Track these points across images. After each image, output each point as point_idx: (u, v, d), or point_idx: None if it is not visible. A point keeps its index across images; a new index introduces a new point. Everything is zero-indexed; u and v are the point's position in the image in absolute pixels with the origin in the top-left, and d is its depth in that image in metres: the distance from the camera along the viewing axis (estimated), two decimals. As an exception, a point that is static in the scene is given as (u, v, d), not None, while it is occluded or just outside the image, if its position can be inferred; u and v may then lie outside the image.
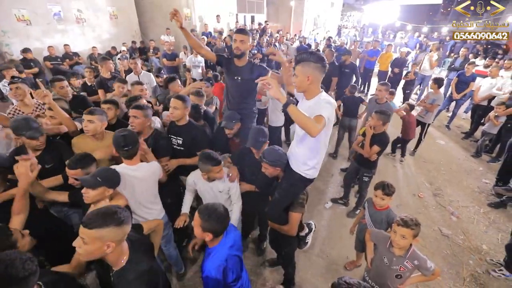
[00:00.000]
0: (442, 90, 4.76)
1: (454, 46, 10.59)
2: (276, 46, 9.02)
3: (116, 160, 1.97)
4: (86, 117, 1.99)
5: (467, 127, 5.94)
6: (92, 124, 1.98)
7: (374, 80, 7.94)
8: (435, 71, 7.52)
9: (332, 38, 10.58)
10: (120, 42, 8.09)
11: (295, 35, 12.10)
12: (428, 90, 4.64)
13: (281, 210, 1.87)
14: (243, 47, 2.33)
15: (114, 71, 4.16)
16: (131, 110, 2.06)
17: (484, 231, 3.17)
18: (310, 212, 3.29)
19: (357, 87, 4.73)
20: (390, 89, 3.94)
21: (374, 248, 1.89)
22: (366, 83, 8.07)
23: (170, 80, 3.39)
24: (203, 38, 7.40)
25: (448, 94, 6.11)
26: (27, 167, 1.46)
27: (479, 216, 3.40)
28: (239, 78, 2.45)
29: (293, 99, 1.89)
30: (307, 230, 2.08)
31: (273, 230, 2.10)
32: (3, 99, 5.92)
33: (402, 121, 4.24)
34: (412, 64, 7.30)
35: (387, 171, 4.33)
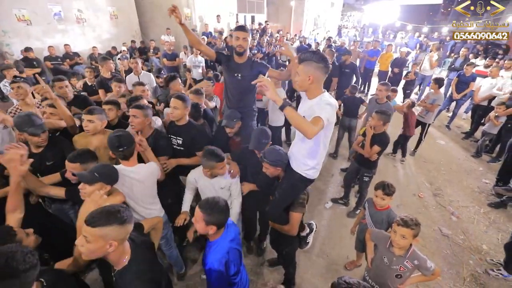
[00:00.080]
0: (443, 90, 4.76)
1: (455, 46, 10.59)
2: (276, 46, 9.04)
3: (117, 160, 1.97)
4: (85, 116, 2.00)
5: (467, 127, 5.95)
6: (92, 123, 1.99)
7: (374, 80, 7.95)
8: (435, 71, 7.52)
9: (332, 38, 10.59)
10: (121, 42, 8.10)
11: (295, 35, 12.11)
12: (429, 90, 4.62)
13: (281, 210, 1.87)
14: (245, 45, 2.35)
15: (114, 71, 4.17)
16: (131, 110, 2.06)
17: (484, 231, 3.17)
18: (310, 212, 3.30)
19: (357, 87, 4.73)
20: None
21: (374, 248, 1.90)
22: (367, 83, 8.08)
23: (171, 79, 3.39)
24: (203, 38, 7.41)
25: (448, 94, 6.12)
26: (17, 154, 1.40)
27: (479, 216, 3.40)
28: (239, 75, 2.45)
29: (289, 101, 1.89)
30: (308, 230, 2.08)
31: (274, 230, 2.10)
32: (4, 99, 5.93)
33: (404, 117, 4.25)
34: (412, 64, 7.31)
35: (387, 171, 4.33)
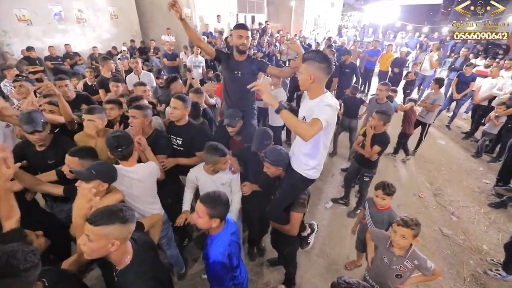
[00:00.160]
0: (443, 90, 4.76)
1: (455, 46, 10.58)
2: (276, 46, 9.06)
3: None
4: (86, 116, 2.00)
5: (467, 127, 5.95)
6: (93, 123, 1.99)
7: (375, 80, 7.95)
8: (437, 71, 7.52)
9: (333, 38, 10.59)
10: (121, 42, 8.10)
11: (295, 35, 12.11)
12: (430, 90, 4.63)
13: (281, 209, 1.87)
14: (247, 43, 2.38)
15: (114, 71, 4.17)
16: (130, 110, 2.06)
17: (484, 231, 3.17)
18: (311, 212, 3.30)
19: (358, 88, 4.72)
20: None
21: (374, 248, 1.90)
22: (367, 83, 8.08)
23: (171, 80, 3.39)
24: (203, 38, 7.41)
25: (448, 94, 6.12)
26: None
27: (480, 216, 3.40)
28: (239, 72, 2.45)
29: (284, 104, 1.89)
30: (309, 231, 2.08)
31: (274, 229, 2.10)
32: (4, 99, 5.93)
33: (404, 115, 4.24)
34: (412, 64, 7.31)
35: (388, 171, 4.33)
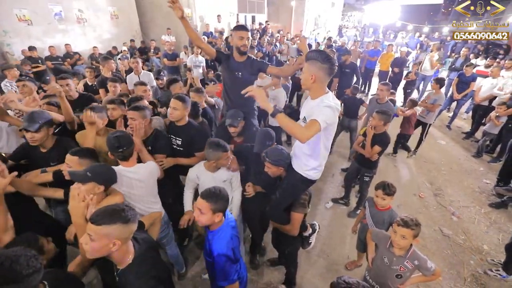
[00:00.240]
0: (443, 90, 4.75)
1: (455, 46, 10.58)
2: (276, 46, 9.05)
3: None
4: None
5: (468, 127, 5.94)
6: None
7: (375, 80, 7.94)
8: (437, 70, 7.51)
9: (333, 38, 10.58)
10: (121, 42, 8.10)
11: (295, 35, 12.09)
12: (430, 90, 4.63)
13: (281, 209, 1.87)
14: (248, 44, 2.40)
15: (115, 71, 4.17)
16: (128, 112, 2.05)
17: (485, 231, 3.17)
18: (311, 212, 3.29)
19: (359, 88, 4.72)
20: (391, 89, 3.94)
21: (375, 248, 1.90)
22: (367, 83, 8.07)
23: (171, 82, 3.39)
24: (204, 38, 7.41)
25: (449, 94, 6.11)
26: None
27: (480, 216, 3.40)
28: (240, 73, 2.45)
29: (279, 108, 1.89)
30: (310, 231, 2.08)
31: (275, 229, 2.10)
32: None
33: (404, 116, 4.25)
34: (413, 64, 7.30)
35: (388, 171, 4.33)
